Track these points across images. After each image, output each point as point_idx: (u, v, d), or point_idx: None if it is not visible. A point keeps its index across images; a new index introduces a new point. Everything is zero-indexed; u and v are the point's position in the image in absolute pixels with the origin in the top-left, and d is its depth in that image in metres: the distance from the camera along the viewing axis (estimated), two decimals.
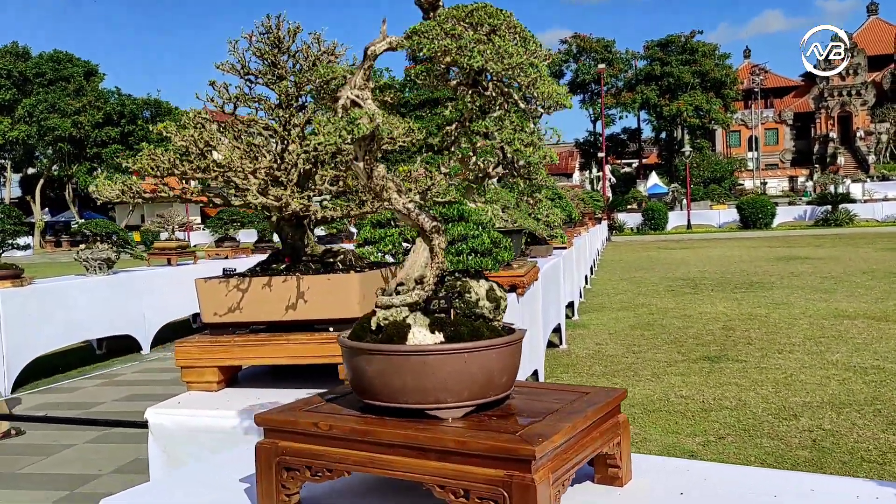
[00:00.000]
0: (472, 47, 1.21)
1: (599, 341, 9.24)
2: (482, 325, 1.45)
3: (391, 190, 1.43)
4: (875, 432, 5.22)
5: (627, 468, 1.50)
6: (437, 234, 1.47)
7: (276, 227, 2.71)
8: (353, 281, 2.50)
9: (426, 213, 1.46)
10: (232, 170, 2.25)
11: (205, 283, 2.58)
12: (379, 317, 1.45)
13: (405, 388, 1.36)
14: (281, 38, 2.64)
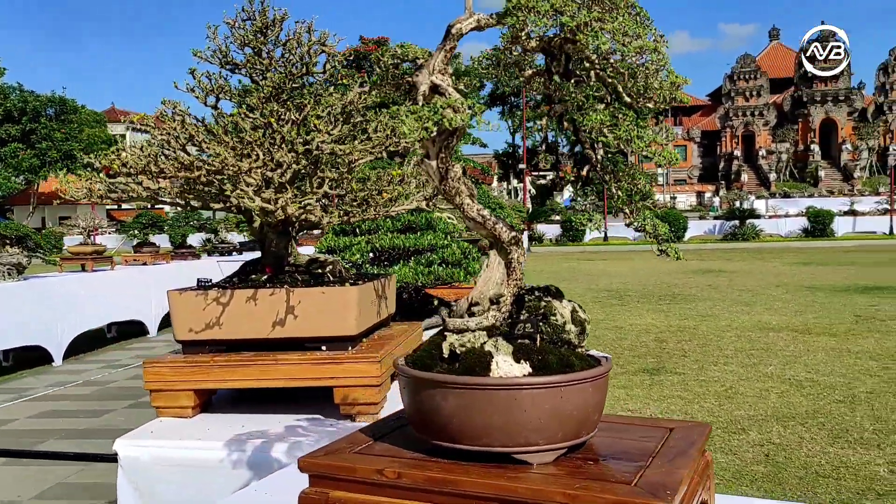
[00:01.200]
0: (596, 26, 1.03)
1: None
2: (570, 354, 1.26)
3: (464, 194, 1.23)
4: (823, 446, 5.29)
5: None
6: (516, 245, 1.27)
7: (258, 234, 2.45)
8: (351, 295, 2.27)
9: (503, 222, 1.26)
10: (221, 169, 1.99)
11: (179, 295, 2.30)
12: (452, 343, 1.24)
13: (489, 428, 1.16)
14: (267, 25, 2.39)
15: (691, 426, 1.36)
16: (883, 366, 7.81)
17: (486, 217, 1.27)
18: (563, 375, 1.17)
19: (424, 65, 1.21)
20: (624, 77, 1.13)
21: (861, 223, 39.36)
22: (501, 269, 1.31)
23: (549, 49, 1.19)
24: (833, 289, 15.40)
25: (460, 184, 1.23)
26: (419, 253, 3.87)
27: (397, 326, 2.81)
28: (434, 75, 1.19)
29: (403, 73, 1.27)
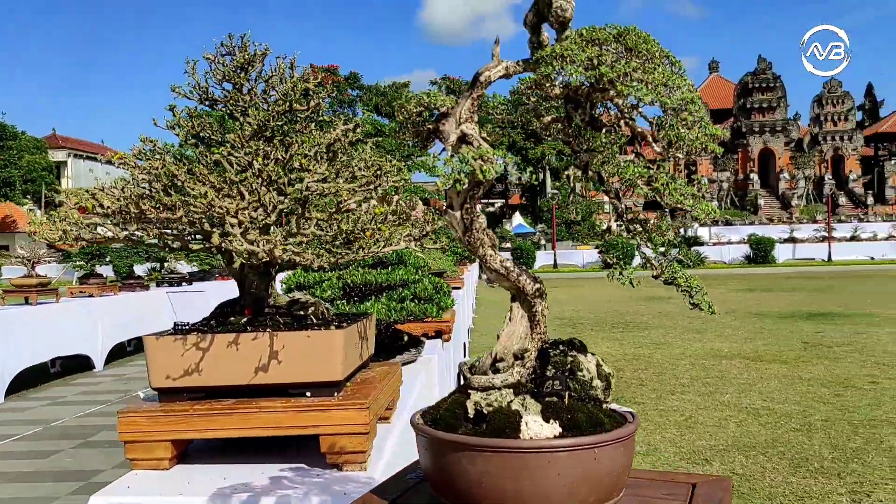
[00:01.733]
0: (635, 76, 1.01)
1: None
2: (598, 411, 1.22)
3: (487, 245, 1.18)
4: (786, 476, 5.35)
5: None
6: (540, 298, 1.23)
7: (237, 274, 2.36)
8: (337, 338, 2.20)
9: (527, 274, 1.22)
10: (206, 211, 1.91)
11: (156, 340, 2.19)
12: (478, 401, 1.19)
13: (520, 492, 1.11)
14: (249, 61, 2.33)
15: (713, 482, 1.33)
16: (834, 393, 7.99)
17: (510, 268, 1.23)
18: (597, 436, 1.13)
19: (451, 113, 1.17)
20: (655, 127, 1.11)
21: (800, 250, 40.61)
22: (525, 323, 1.27)
23: (575, 97, 1.17)
24: (779, 315, 15.79)
25: (484, 235, 1.19)
26: (391, 288, 3.81)
27: (377, 367, 2.74)
28: (463, 124, 1.15)
29: (425, 120, 1.23)
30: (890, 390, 8.03)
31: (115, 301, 11.12)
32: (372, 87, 60.16)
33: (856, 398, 7.70)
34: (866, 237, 41.88)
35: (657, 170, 1.11)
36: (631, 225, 1.23)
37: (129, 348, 12.24)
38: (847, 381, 8.62)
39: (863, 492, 4.99)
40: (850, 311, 16.12)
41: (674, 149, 1.10)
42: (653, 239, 1.21)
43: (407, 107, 1.19)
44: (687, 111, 1.05)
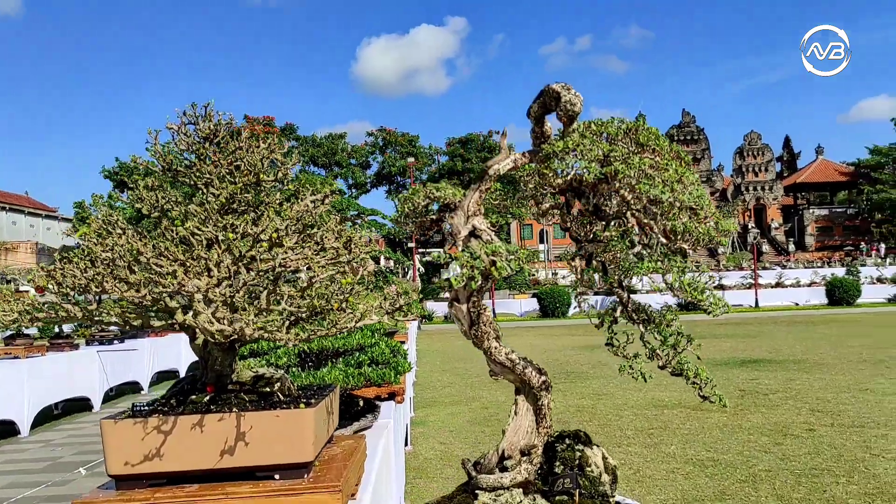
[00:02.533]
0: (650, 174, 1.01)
1: (443, 440, 9.03)
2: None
3: (491, 337, 1.16)
4: None
5: None
6: (546, 391, 1.21)
7: (201, 351, 2.27)
8: (307, 418, 2.12)
9: (533, 366, 1.20)
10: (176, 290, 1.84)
11: (114, 424, 2.08)
12: (486, 503, 1.15)
13: None
14: (215, 132, 2.28)
15: None
16: (774, 441, 8.14)
17: (515, 361, 1.20)
18: None
19: (459, 206, 1.16)
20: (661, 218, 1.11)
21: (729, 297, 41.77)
22: (531, 417, 1.24)
23: (579, 188, 1.17)
24: (715, 363, 16.12)
25: (490, 327, 1.17)
26: (347, 353, 3.73)
27: (342, 441, 2.65)
28: (472, 218, 1.14)
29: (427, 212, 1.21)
30: (826, 438, 8.23)
31: (43, 362, 10.62)
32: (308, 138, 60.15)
33: (795, 446, 7.87)
34: (790, 283, 43.45)
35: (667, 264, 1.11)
36: (636, 315, 1.23)
37: (57, 411, 11.68)
38: (785, 428, 8.81)
39: None
40: (781, 358, 16.59)
41: (681, 240, 1.11)
42: (661, 332, 1.21)
43: (414, 199, 1.17)
44: (700, 207, 1.06)
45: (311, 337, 2.05)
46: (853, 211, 70.10)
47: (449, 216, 1.15)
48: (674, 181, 1.03)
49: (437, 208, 1.17)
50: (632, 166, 1.01)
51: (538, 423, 1.23)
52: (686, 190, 1.03)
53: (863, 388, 11.77)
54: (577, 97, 1.05)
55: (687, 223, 1.08)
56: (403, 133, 61.89)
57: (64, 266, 1.85)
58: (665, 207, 1.04)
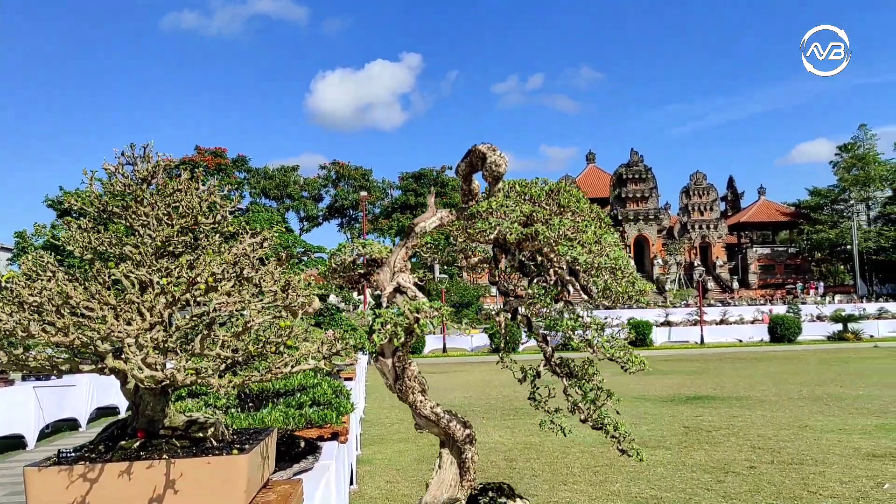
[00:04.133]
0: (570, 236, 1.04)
1: (389, 479, 8.93)
2: None
3: (417, 391, 1.18)
4: None
5: None
6: (470, 444, 1.23)
7: (132, 396, 2.23)
8: (241, 465, 2.09)
9: (458, 419, 1.21)
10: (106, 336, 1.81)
11: (38, 472, 2.02)
12: None
13: None
14: (152, 174, 2.27)
15: None
16: (717, 479, 8.26)
17: (440, 415, 1.22)
18: None
19: (385, 262, 1.18)
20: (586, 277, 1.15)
21: (676, 333, 42.51)
22: (454, 470, 1.26)
23: (504, 244, 1.20)
24: (660, 399, 16.33)
25: (415, 382, 1.18)
26: (288, 394, 3.70)
27: (277, 486, 2.62)
28: (398, 275, 1.15)
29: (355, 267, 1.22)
30: (766, 475, 8.38)
31: None
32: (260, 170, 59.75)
33: (737, 484, 7.99)
34: (734, 320, 44.40)
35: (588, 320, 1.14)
36: (560, 370, 1.26)
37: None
38: (727, 466, 8.94)
39: None
40: (725, 395, 16.88)
41: (604, 297, 1.14)
42: (582, 386, 1.24)
43: (341, 254, 1.18)
44: (618, 268, 1.10)
45: (246, 383, 2.03)
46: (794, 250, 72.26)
47: (375, 272, 1.17)
48: (592, 242, 1.06)
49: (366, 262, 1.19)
50: (552, 228, 1.05)
51: (462, 477, 1.24)
52: (604, 251, 1.07)
53: (802, 424, 12.04)
54: (502, 158, 1.09)
55: (607, 281, 1.12)
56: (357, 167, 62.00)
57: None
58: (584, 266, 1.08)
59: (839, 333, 40.45)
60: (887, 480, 7.91)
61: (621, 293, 1.10)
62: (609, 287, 1.11)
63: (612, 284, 1.10)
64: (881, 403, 14.40)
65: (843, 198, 69.01)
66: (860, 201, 68.91)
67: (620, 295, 1.10)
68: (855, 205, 68.31)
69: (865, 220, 70.41)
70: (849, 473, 8.34)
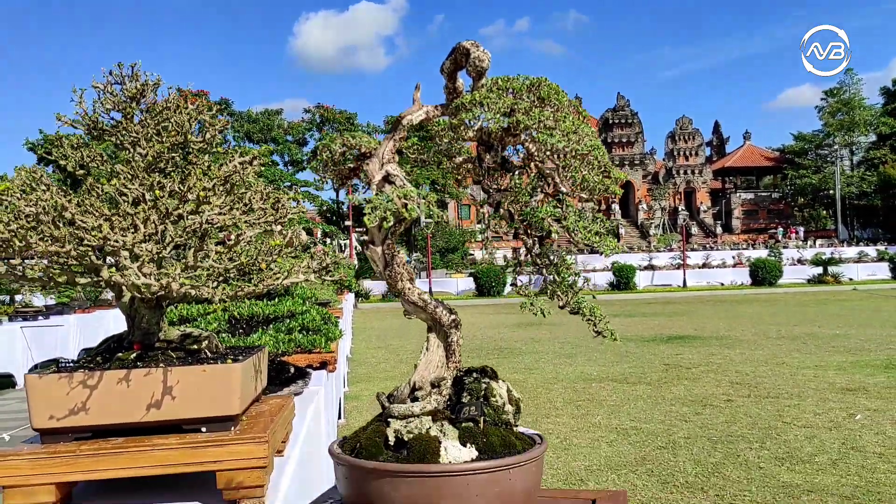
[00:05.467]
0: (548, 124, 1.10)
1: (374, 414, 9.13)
2: (510, 434, 1.29)
3: (405, 279, 1.24)
4: (655, 492, 5.65)
5: None
6: (455, 328, 1.30)
7: (127, 309, 2.30)
8: (235, 372, 2.17)
9: (443, 306, 1.29)
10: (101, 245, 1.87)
11: (38, 379, 2.09)
12: (398, 429, 1.24)
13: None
14: (141, 92, 2.29)
15: (611, 496, 1.43)
16: (695, 412, 8.50)
17: (427, 301, 1.29)
18: (511, 458, 1.20)
19: (374, 154, 1.23)
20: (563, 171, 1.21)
21: (659, 276, 42.97)
22: (441, 352, 1.33)
23: (488, 140, 1.25)
24: (642, 339, 16.63)
25: (403, 269, 1.25)
26: (278, 320, 3.78)
27: (270, 400, 2.71)
28: (386, 165, 1.21)
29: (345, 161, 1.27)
30: (743, 408, 8.63)
31: None
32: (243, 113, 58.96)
33: (713, 416, 8.24)
34: (716, 264, 44.87)
35: (565, 209, 1.21)
36: (540, 260, 1.33)
37: None
38: (705, 399, 9.20)
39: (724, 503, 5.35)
40: (705, 335, 17.20)
41: (579, 189, 1.20)
42: (561, 273, 1.31)
43: (331, 146, 1.23)
44: (594, 156, 1.16)
45: (238, 294, 2.10)
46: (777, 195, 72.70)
47: (365, 163, 1.22)
48: (570, 132, 1.12)
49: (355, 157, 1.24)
50: (532, 117, 1.10)
51: (448, 358, 1.32)
52: (581, 140, 1.13)
53: (779, 362, 12.34)
54: (486, 54, 1.13)
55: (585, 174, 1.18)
56: (341, 111, 61.28)
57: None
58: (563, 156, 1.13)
59: (819, 277, 41.04)
60: (859, 412, 8.18)
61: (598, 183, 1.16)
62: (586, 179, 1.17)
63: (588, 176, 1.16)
64: (857, 342, 14.75)
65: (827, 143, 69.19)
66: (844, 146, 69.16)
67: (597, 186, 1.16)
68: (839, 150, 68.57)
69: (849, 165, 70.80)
70: (822, 406, 8.61)
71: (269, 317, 3.72)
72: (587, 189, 1.21)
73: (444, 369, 1.30)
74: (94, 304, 15.56)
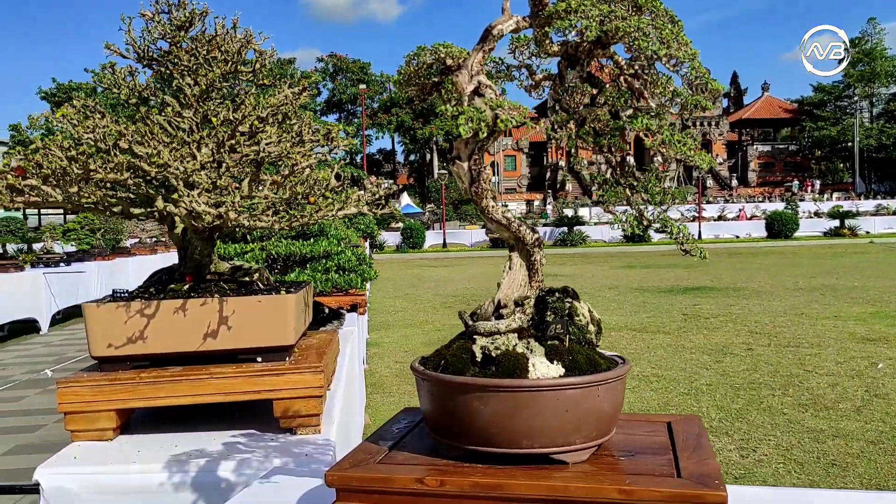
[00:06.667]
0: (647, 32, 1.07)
1: (398, 360, 9.21)
2: (593, 353, 1.29)
3: (489, 196, 1.23)
4: None
5: None
6: (538, 248, 1.29)
7: (179, 240, 2.30)
8: (289, 303, 2.18)
9: (526, 225, 1.27)
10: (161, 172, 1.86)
11: (97, 307, 2.11)
12: (485, 346, 1.23)
13: (532, 430, 1.17)
14: (191, 20, 2.26)
15: (685, 419, 1.44)
16: (715, 360, 8.53)
17: (510, 219, 1.27)
18: (599, 374, 1.20)
19: (463, 65, 1.20)
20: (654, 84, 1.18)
21: None
22: (524, 271, 1.32)
23: (575, 54, 1.22)
24: (659, 290, 16.62)
25: (488, 185, 1.23)
26: (314, 259, 3.78)
27: (316, 335, 2.73)
28: (477, 76, 1.18)
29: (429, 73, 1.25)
30: (764, 356, 8.65)
31: None
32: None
33: (735, 364, 8.26)
34: (732, 217, 44.61)
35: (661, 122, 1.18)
36: (625, 178, 1.31)
37: (3, 332, 11.50)
38: (725, 348, 9.22)
39: (749, 447, 5.40)
40: (722, 286, 17.17)
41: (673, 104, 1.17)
42: (649, 189, 1.29)
43: (420, 57, 1.21)
44: (692, 67, 1.13)
45: (293, 224, 2.09)
46: (795, 148, 71.80)
47: (453, 74, 1.20)
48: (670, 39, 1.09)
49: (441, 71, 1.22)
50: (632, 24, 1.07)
51: (531, 278, 1.31)
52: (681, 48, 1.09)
53: (798, 312, 12.32)
54: None
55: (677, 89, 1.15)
56: (355, 60, 60.62)
57: (47, 145, 1.84)
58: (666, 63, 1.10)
59: (836, 230, 40.74)
60: (881, 361, 8.19)
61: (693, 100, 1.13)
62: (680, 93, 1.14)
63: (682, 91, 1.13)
64: (875, 293, 14.69)
65: (847, 94, 68.02)
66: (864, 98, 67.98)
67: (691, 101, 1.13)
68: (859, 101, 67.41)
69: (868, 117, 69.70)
70: (844, 354, 8.61)
71: (305, 256, 3.73)
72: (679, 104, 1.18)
73: (528, 288, 1.29)
74: (112, 252, 15.68)
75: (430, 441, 1.31)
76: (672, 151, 1.19)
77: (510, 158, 76.17)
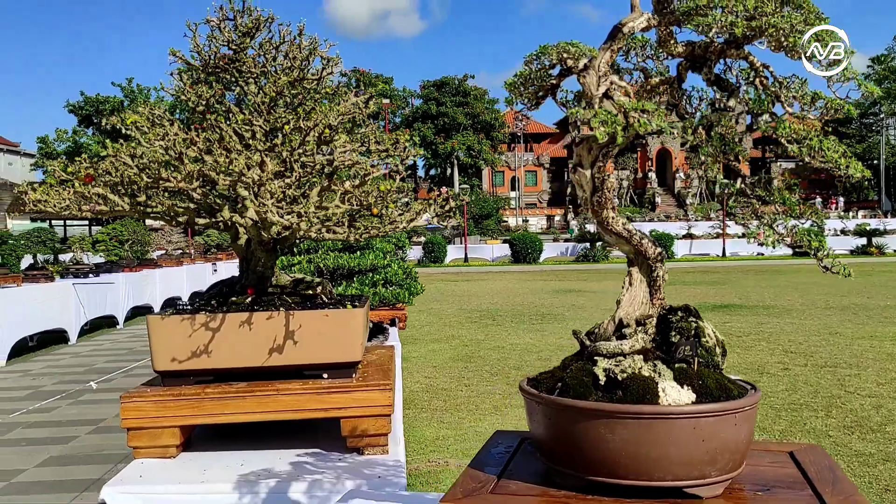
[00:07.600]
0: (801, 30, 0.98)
1: (427, 374, 9.12)
2: (723, 378, 1.19)
3: (610, 207, 1.14)
4: None
5: None
6: (661, 262, 1.20)
7: (243, 251, 2.23)
8: (358, 318, 2.10)
9: (648, 238, 1.18)
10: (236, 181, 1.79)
11: (160, 320, 2.04)
12: (609, 368, 1.14)
13: (664, 461, 1.07)
14: (257, 27, 2.20)
15: (807, 448, 1.34)
16: (752, 379, 8.33)
17: (632, 231, 1.19)
18: (736, 402, 1.10)
19: (590, 66, 1.12)
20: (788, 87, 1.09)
21: (697, 246, 42.44)
22: (644, 288, 1.23)
23: (703, 55, 1.14)
24: None
25: (611, 194, 1.15)
26: (362, 273, 3.71)
27: (374, 351, 2.65)
28: (604, 79, 1.10)
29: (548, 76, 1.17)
30: (801, 376, 8.46)
31: (18, 293, 10.43)
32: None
33: (773, 384, 8.08)
34: None
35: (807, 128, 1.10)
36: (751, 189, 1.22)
37: (32, 342, 11.53)
38: (761, 367, 9.03)
39: None
40: (751, 304, 16.93)
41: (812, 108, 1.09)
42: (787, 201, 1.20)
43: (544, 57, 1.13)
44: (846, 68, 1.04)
45: (365, 235, 2.02)
46: None
47: (581, 76, 1.12)
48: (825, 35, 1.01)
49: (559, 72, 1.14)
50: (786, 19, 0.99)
51: (652, 295, 1.22)
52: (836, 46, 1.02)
53: (832, 331, 12.09)
54: None
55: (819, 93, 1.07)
56: (378, 74, 60.95)
57: (117, 153, 1.78)
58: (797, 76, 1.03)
59: (863, 247, 40.18)
60: None
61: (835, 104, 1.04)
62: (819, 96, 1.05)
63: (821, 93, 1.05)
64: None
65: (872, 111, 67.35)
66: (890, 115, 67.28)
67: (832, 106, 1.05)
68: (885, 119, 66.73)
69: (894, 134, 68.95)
70: (884, 376, 8.41)
71: (352, 270, 3.66)
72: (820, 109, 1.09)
73: (649, 306, 1.20)
74: (139, 263, 15.74)
75: (539, 467, 1.22)
76: (817, 159, 1.10)
77: (531, 174, 76.07)
